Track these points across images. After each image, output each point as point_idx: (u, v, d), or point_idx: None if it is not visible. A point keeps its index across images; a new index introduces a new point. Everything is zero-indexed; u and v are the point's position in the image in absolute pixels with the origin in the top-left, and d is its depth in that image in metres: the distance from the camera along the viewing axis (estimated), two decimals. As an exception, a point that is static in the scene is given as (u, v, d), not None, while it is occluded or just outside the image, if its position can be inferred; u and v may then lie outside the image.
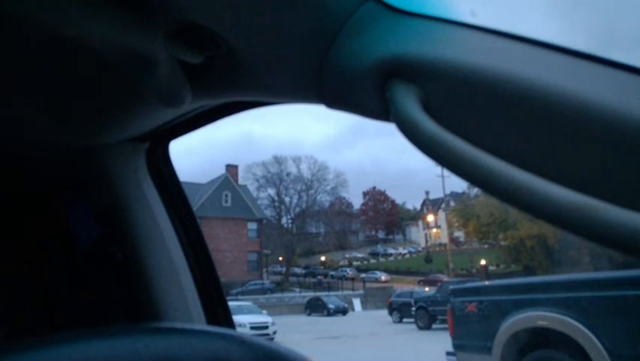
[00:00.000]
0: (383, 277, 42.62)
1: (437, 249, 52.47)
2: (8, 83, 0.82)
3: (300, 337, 17.41)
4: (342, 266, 50.67)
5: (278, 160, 48.07)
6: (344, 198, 56.35)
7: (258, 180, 47.82)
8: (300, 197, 48.57)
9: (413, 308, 19.99)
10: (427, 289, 28.67)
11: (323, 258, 53.03)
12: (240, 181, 44.28)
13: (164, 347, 0.42)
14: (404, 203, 69.59)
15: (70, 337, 0.40)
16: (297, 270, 47.28)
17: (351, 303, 32.01)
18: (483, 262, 39.03)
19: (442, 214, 52.02)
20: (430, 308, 18.63)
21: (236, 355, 0.45)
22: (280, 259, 47.86)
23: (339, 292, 35.87)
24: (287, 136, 76.26)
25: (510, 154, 0.41)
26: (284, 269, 45.50)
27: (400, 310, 22.85)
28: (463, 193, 45.70)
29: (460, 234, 46.60)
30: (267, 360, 0.47)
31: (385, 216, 62.51)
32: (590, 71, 0.38)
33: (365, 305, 33.42)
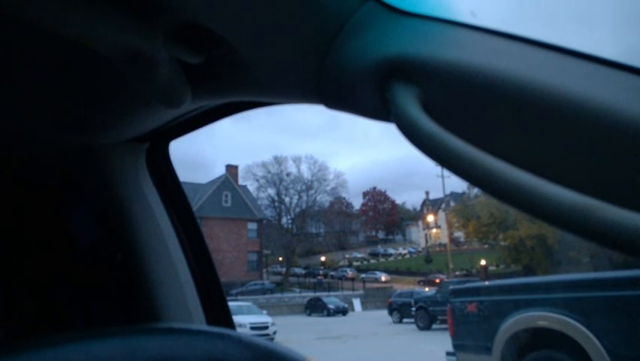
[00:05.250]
0: (383, 277, 42.59)
1: (437, 249, 52.47)
2: (8, 83, 0.82)
3: (301, 337, 17.40)
4: (342, 266, 50.70)
5: (278, 160, 48.15)
6: (344, 198, 56.46)
7: (258, 181, 47.92)
8: (300, 197, 48.62)
9: (413, 308, 20.00)
10: (426, 289, 28.67)
11: (323, 258, 53.01)
12: (240, 181, 44.33)
13: (160, 347, 0.42)
14: (404, 203, 69.67)
15: (66, 338, 0.40)
16: (297, 270, 47.28)
17: (351, 303, 32.01)
18: (483, 262, 39.06)
19: (442, 214, 52.03)
20: (430, 308, 18.64)
21: (234, 355, 0.45)
22: (280, 259, 47.85)
23: (339, 293, 35.88)
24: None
25: (510, 154, 0.41)
26: (284, 269, 45.49)
27: (399, 310, 22.86)
28: (463, 193, 45.69)
29: (460, 234, 46.59)
30: (266, 360, 0.47)
31: (385, 216, 62.50)
32: (589, 71, 0.38)
33: (365, 305, 33.42)
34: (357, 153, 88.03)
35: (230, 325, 1.24)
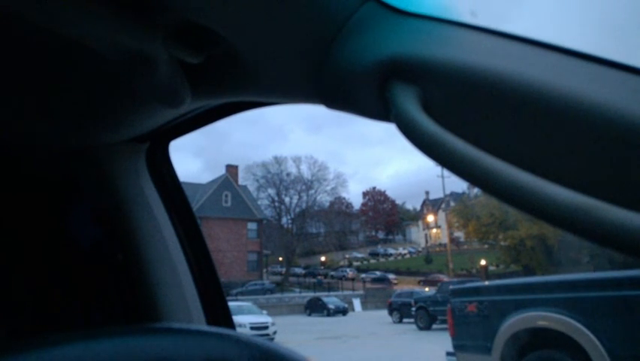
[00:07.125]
0: (390, 275, 42.46)
1: (437, 249, 52.48)
2: (8, 83, 0.82)
3: (301, 337, 17.40)
4: (342, 266, 50.68)
5: (278, 160, 48.15)
6: (344, 198, 56.50)
7: (258, 181, 47.91)
8: (300, 197, 48.63)
9: (413, 308, 20.00)
10: (427, 289, 28.67)
11: (323, 258, 53.02)
12: (240, 181, 44.33)
13: (159, 347, 0.42)
14: (404, 203, 69.69)
15: (66, 338, 0.40)
16: (297, 270, 47.29)
17: (351, 303, 32.00)
18: (483, 262, 39.07)
19: (442, 214, 52.06)
20: (430, 308, 18.64)
21: (233, 354, 0.45)
22: (280, 259, 47.85)
23: (339, 293, 35.89)
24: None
25: (510, 154, 0.41)
26: (284, 269, 45.49)
27: (400, 310, 22.86)
28: (463, 193, 45.71)
29: (460, 234, 46.59)
30: (265, 360, 0.47)
31: (385, 216, 62.50)
32: (589, 71, 0.38)
33: (365, 305, 33.42)
34: (407, 158, 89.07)
35: (230, 325, 1.24)
